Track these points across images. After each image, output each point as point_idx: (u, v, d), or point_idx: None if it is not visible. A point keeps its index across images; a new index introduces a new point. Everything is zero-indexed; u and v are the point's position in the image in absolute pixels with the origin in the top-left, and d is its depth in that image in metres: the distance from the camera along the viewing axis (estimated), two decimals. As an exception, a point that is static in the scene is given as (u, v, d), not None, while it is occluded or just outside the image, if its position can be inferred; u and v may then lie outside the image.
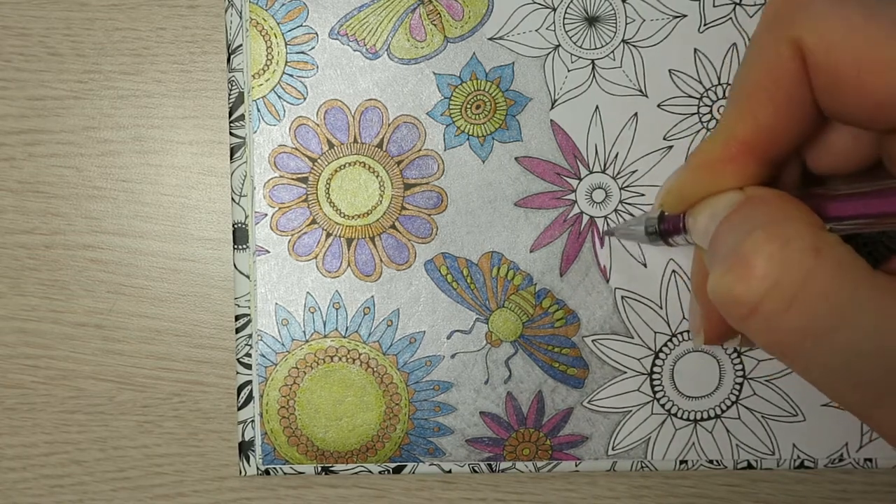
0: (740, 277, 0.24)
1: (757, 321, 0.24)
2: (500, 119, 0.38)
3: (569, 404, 0.38)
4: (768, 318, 0.24)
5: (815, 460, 0.39)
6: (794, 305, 0.23)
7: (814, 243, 0.23)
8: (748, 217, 0.26)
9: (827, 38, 0.24)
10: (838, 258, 0.23)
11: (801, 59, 0.25)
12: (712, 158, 0.28)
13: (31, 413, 0.41)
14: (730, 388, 0.38)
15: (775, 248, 0.23)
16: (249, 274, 0.38)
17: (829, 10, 0.24)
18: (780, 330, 0.24)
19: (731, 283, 0.24)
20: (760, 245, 0.24)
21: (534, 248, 0.38)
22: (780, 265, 0.23)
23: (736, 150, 0.27)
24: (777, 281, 0.23)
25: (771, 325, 0.24)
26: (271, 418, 0.38)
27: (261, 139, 0.38)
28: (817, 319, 0.23)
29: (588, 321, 0.38)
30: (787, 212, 0.25)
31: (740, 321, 0.25)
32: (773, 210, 0.25)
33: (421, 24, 0.38)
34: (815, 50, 0.25)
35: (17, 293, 0.41)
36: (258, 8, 0.38)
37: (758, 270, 0.24)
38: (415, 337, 0.38)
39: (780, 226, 0.24)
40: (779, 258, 0.23)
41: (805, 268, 0.23)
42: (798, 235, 0.24)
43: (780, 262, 0.23)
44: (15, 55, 0.40)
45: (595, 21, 0.38)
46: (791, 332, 0.24)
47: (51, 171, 0.40)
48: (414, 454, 0.39)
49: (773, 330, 0.24)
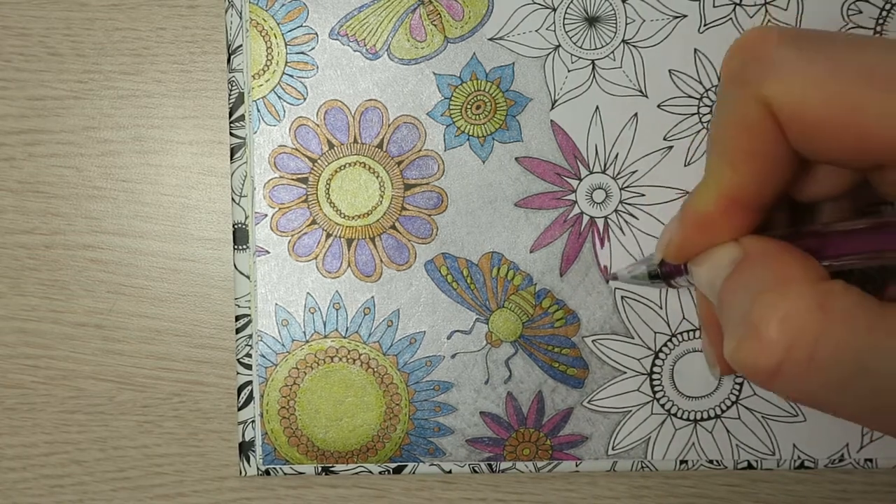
0: (755, 347, 0.24)
1: (779, 383, 0.24)
2: (501, 119, 0.38)
3: (569, 404, 0.38)
4: (790, 381, 0.24)
5: (815, 460, 0.39)
6: (812, 365, 0.23)
7: (818, 300, 0.24)
8: (750, 279, 0.26)
9: (794, 95, 0.24)
10: (845, 309, 0.23)
11: (772, 116, 0.25)
12: (706, 215, 0.28)
13: (31, 413, 0.41)
14: (730, 388, 0.38)
15: (783, 312, 0.24)
16: (249, 274, 0.38)
17: (793, 67, 0.25)
18: (805, 389, 0.24)
19: (747, 353, 0.25)
20: (768, 313, 0.24)
21: (534, 248, 0.38)
22: (790, 330, 0.24)
23: (725, 205, 0.27)
24: (790, 346, 0.24)
25: (795, 386, 0.24)
26: (272, 418, 0.38)
27: (261, 139, 0.38)
28: (837, 373, 0.23)
29: (588, 321, 0.38)
30: (787, 270, 0.25)
31: (763, 384, 0.25)
32: (773, 269, 0.26)
33: (421, 25, 0.38)
34: (784, 108, 0.25)
35: (17, 293, 0.41)
36: (258, 8, 0.38)
37: (771, 338, 0.24)
38: (415, 337, 0.38)
39: (783, 286, 0.24)
40: (788, 323, 0.24)
41: (815, 327, 0.23)
42: (803, 295, 0.24)
43: (790, 326, 0.24)
44: (15, 55, 0.40)
45: (595, 21, 0.38)
46: (815, 389, 0.24)
47: (51, 171, 0.40)
48: (414, 454, 0.39)
49: (798, 389, 0.24)
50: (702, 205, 0.28)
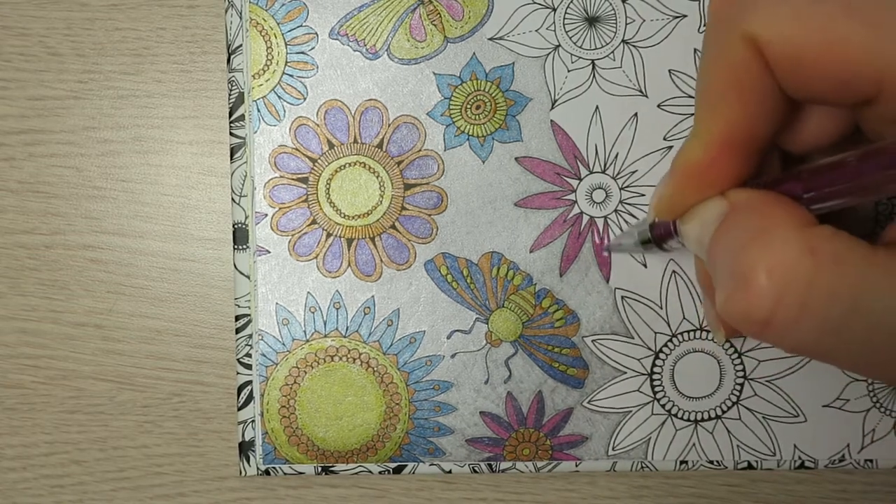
0: (746, 298, 0.24)
1: (772, 333, 0.24)
2: (500, 119, 0.38)
3: (569, 404, 0.38)
4: (783, 329, 0.24)
5: (815, 461, 0.39)
6: (804, 311, 0.23)
7: (807, 245, 0.23)
8: (737, 230, 0.26)
9: (779, 30, 0.24)
10: (834, 252, 0.23)
11: (758, 54, 0.25)
12: (695, 165, 0.28)
13: (31, 413, 0.41)
14: (730, 388, 0.38)
15: (771, 260, 0.24)
16: (250, 274, 0.38)
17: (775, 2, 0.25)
18: (798, 336, 0.24)
19: (738, 304, 0.24)
20: (755, 260, 0.24)
21: (534, 248, 0.38)
22: (780, 277, 0.23)
23: (716, 152, 0.27)
24: (781, 293, 0.23)
25: (787, 334, 0.24)
26: (272, 418, 0.38)
27: (261, 139, 0.38)
28: (831, 318, 0.23)
29: (588, 321, 0.38)
30: (774, 217, 0.25)
31: (756, 336, 0.25)
32: (759, 219, 0.25)
33: (421, 25, 0.38)
34: (770, 43, 0.25)
35: (17, 293, 0.41)
36: (258, 8, 0.38)
37: (760, 287, 0.23)
38: (415, 337, 0.38)
39: (769, 234, 0.24)
40: (777, 270, 0.23)
41: (805, 272, 0.23)
42: (790, 241, 0.24)
43: (780, 273, 0.23)
44: (15, 55, 0.40)
45: (595, 21, 0.38)
46: (809, 335, 0.24)
47: (51, 171, 0.40)
48: (414, 454, 0.39)
49: (790, 337, 0.24)
50: (692, 154, 0.28)
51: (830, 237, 0.24)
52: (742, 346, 0.38)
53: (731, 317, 0.25)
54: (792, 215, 0.25)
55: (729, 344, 0.38)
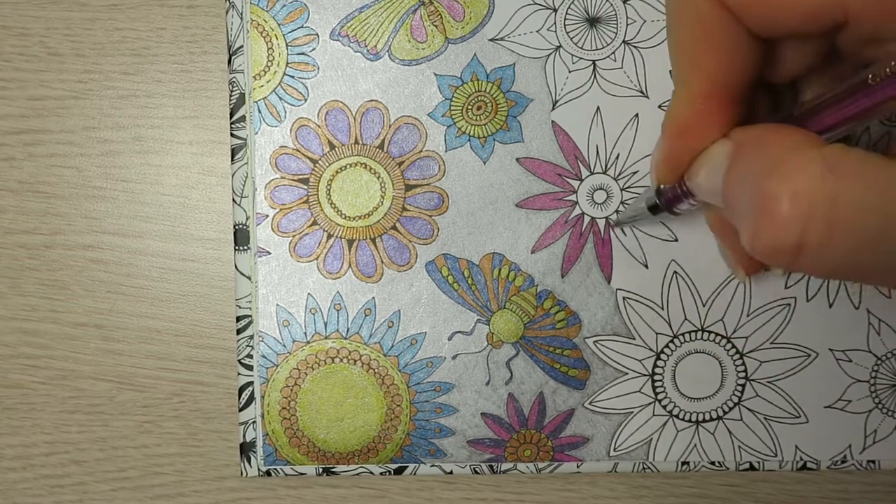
0: (772, 227, 0.23)
1: (806, 259, 0.23)
2: (501, 120, 0.38)
3: (570, 405, 0.38)
4: (816, 252, 0.23)
5: (817, 462, 0.39)
6: (835, 229, 0.23)
7: (824, 164, 0.23)
8: (749, 164, 0.25)
9: None
10: (854, 167, 0.23)
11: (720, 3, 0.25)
12: (685, 121, 0.28)
13: (31, 413, 0.41)
14: (732, 389, 0.38)
15: (792, 185, 0.23)
16: (251, 275, 0.38)
17: None
18: (833, 256, 0.23)
19: (765, 237, 0.24)
20: (776, 189, 0.23)
21: (535, 249, 0.38)
22: (803, 199, 0.23)
23: (702, 105, 0.27)
24: (807, 216, 0.23)
25: (822, 256, 0.23)
26: (273, 419, 0.38)
27: (262, 140, 0.38)
28: (863, 231, 0.23)
29: (589, 322, 0.38)
30: (784, 143, 0.24)
31: (790, 265, 0.24)
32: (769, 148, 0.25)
33: (422, 25, 0.38)
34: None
35: (17, 293, 0.40)
36: (259, 9, 0.37)
37: (785, 214, 0.23)
38: (416, 338, 0.38)
39: (785, 161, 0.24)
40: (800, 193, 0.23)
41: (828, 190, 0.22)
42: (806, 162, 0.23)
43: (803, 196, 0.23)
44: (15, 55, 0.40)
45: (596, 22, 0.38)
46: (843, 254, 0.23)
47: (51, 171, 0.40)
48: (415, 455, 0.39)
49: (825, 259, 0.23)
50: (679, 111, 0.28)
51: (845, 152, 0.23)
52: (744, 347, 0.38)
53: (761, 251, 0.24)
54: (802, 138, 0.25)
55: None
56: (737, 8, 0.25)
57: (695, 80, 0.27)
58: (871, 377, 0.38)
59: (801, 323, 0.38)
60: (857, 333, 0.38)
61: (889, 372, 0.38)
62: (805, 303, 0.38)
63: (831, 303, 0.38)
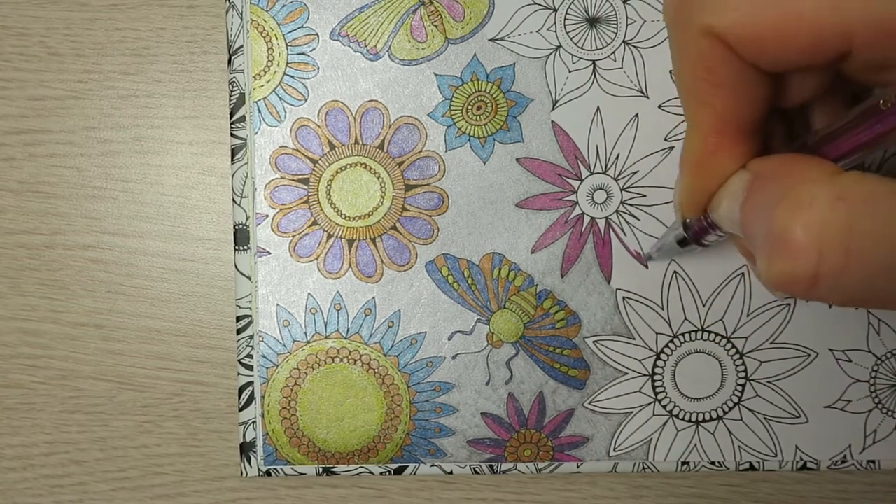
0: (787, 258, 0.23)
1: (822, 288, 0.23)
2: (501, 120, 0.38)
3: (570, 405, 0.38)
4: (832, 281, 0.23)
5: (817, 462, 0.39)
6: (850, 258, 0.23)
7: (836, 193, 0.23)
8: (765, 196, 0.25)
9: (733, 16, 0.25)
10: (866, 193, 0.23)
11: (721, 43, 0.25)
12: (699, 158, 0.28)
13: (31, 413, 0.41)
14: (732, 389, 0.38)
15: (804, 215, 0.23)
16: (251, 275, 0.38)
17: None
18: (849, 285, 0.23)
19: (781, 267, 0.24)
20: (789, 220, 0.23)
21: (535, 249, 0.38)
22: (817, 229, 0.23)
23: (714, 142, 0.27)
24: (821, 245, 0.23)
25: (838, 285, 0.23)
26: (273, 419, 0.38)
27: (262, 140, 0.38)
28: (878, 258, 0.23)
29: (589, 322, 0.38)
30: (798, 174, 0.25)
31: (806, 294, 0.24)
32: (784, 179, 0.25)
33: (422, 25, 0.38)
34: (728, 30, 0.25)
35: (17, 293, 0.40)
36: (259, 9, 0.37)
37: (800, 243, 0.23)
38: (416, 338, 0.38)
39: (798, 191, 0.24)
40: (813, 223, 0.23)
41: (841, 219, 0.23)
42: (819, 193, 0.23)
43: (816, 225, 0.23)
44: (15, 55, 0.40)
45: (596, 22, 0.38)
46: (860, 282, 0.23)
47: (51, 171, 0.40)
48: (415, 455, 0.39)
49: (842, 288, 0.23)
50: (693, 147, 0.28)
51: (859, 180, 0.23)
52: (744, 347, 0.38)
53: (777, 281, 0.24)
54: (816, 168, 0.25)
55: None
56: (738, 45, 0.25)
57: (705, 118, 0.27)
58: (870, 377, 0.38)
59: (800, 323, 0.38)
60: (857, 333, 0.38)
61: (889, 372, 0.38)
62: (805, 302, 0.38)
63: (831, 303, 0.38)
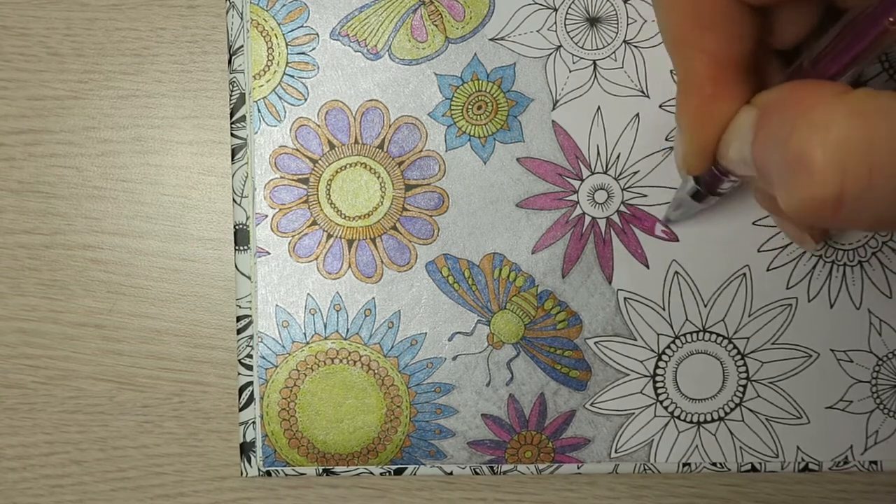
0: (809, 182, 0.22)
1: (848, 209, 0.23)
2: (502, 120, 0.38)
3: (571, 407, 0.38)
4: (857, 200, 0.22)
5: (819, 463, 0.39)
6: (874, 173, 0.22)
7: (850, 109, 0.22)
8: (776, 127, 0.25)
9: None
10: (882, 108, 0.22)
11: None
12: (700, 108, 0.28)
13: (31, 413, 0.41)
14: (733, 390, 0.38)
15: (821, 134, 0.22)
16: (251, 275, 0.38)
17: None
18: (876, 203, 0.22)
19: (803, 192, 0.23)
20: (806, 142, 0.22)
21: (536, 249, 0.38)
22: (836, 147, 0.22)
23: (712, 87, 0.27)
24: (843, 164, 0.22)
25: (863, 205, 0.22)
26: (272, 420, 0.38)
27: (262, 140, 0.38)
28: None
29: (590, 323, 0.38)
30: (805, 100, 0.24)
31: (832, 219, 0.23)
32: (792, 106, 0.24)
33: (422, 25, 0.38)
34: None
35: (17, 293, 0.40)
36: (259, 9, 0.37)
37: (821, 165, 0.22)
38: (416, 339, 0.38)
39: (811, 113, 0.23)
40: (831, 142, 0.22)
41: (861, 135, 0.22)
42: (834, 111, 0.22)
43: (835, 144, 0.22)
44: (15, 55, 0.40)
45: (596, 22, 0.38)
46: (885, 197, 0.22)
47: (51, 171, 0.40)
48: (415, 456, 0.38)
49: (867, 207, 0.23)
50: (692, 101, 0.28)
51: (872, 95, 0.23)
52: (745, 347, 0.38)
53: (801, 209, 0.23)
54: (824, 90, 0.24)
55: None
56: None
57: (698, 66, 0.27)
58: (872, 377, 0.38)
59: (802, 323, 0.38)
60: (859, 334, 0.38)
61: (890, 372, 0.38)
62: (806, 303, 0.38)
63: (832, 303, 0.38)
